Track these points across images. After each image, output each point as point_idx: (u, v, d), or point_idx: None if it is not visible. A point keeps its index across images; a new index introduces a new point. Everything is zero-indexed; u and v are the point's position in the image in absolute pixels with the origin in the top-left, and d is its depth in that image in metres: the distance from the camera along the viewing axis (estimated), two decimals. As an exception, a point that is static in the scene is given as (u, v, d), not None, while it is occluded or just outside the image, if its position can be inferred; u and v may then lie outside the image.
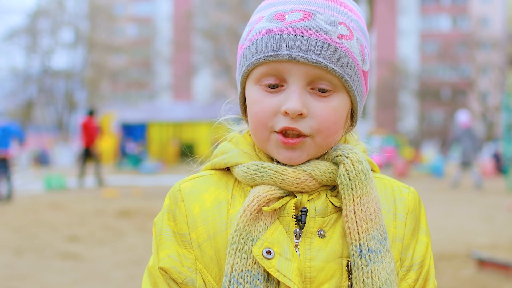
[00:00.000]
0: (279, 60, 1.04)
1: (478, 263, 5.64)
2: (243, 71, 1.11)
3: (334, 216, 1.07)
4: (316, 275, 1.03)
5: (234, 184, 1.12)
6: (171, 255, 1.08)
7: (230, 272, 1.01)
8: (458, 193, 13.87)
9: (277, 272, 1.00)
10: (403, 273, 1.09)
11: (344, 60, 1.04)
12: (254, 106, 1.08)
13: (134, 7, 62.97)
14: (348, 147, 1.09)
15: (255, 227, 1.03)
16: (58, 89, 47.01)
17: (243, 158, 1.11)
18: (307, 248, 1.04)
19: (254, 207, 1.03)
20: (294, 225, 1.05)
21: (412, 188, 1.17)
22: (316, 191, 1.08)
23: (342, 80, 1.05)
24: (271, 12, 1.08)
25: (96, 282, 5.42)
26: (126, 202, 11.53)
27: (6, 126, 12.56)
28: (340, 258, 1.05)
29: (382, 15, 40.37)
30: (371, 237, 1.03)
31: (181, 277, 1.07)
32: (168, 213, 1.12)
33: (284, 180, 1.05)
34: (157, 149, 31.30)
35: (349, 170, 1.05)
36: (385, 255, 1.04)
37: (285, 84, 1.05)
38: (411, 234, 1.11)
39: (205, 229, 1.08)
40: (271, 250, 1.01)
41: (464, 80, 52.53)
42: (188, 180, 1.15)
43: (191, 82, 56.39)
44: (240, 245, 1.02)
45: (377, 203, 1.06)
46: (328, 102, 1.05)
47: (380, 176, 1.17)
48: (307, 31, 1.02)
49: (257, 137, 1.10)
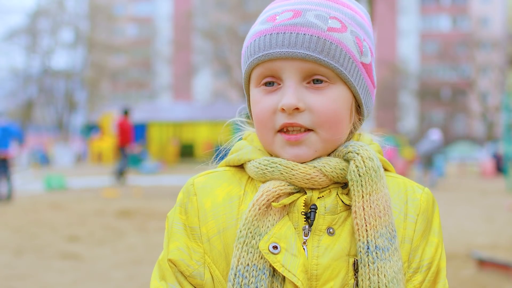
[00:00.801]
0: (271, 59, 1.06)
1: (478, 263, 5.64)
2: (243, 75, 1.14)
3: (344, 214, 1.07)
4: (322, 273, 1.03)
5: (247, 181, 1.13)
6: (180, 248, 1.09)
7: (236, 266, 1.02)
8: (458, 193, 13.87)
9: (282, 267, 1.00)
10: (409, 274, 1.08)
11: (336, 52, 1.05)
12: (255, 108, 1.10)
13: (134, 7, 62.95)
14: (359, 144, 1.09)
15: (264, 222, 1.03)
16: (58, 89, 46.97)
17: (256, 155, 1.12)
18: (315, 245, 1.04)
19: (263, 201, 1.03)
20: (303, 222, 1.05)
21: (427, 189, 1.15)
22: (327, 188, 1.08)
23: (336, 72, 1.06)
24: (264, 16, 1.12)
25: (96, 282, 5.42)
26: (126, 202, 11.54)
27: (7, 126, 12.56)
28: (347, 256, 1.05)
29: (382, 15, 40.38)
30: (379, 235, 1.03)
31: (189, 270, 1.08)
32: (180, 206, 1.13)
33: (294, 176, 1.05)
34: (157, 149, 31.29)
35: (360, 166, 1.05)
36: (393, 254, 1.03)
37: (281, 82, 1.07)
38: (421, 235, 1.10)
39: (215, 224, 1.09)
40: (277, 245, 1.01)
41: (464, 80, 52.52)
42: (202, 175, 1.16)
43: (191, 82, 56.37)
44: (248, 239, 1.02)
45: (387, 201, 1.06)
46: (325, 94, 1.06)
47: (395, 175, 1.16)
48: (295, 28, 1.05)
49: (263, 140, 1.11)
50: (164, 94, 58.29)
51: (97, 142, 32.05)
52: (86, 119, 42.76)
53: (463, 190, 14.58)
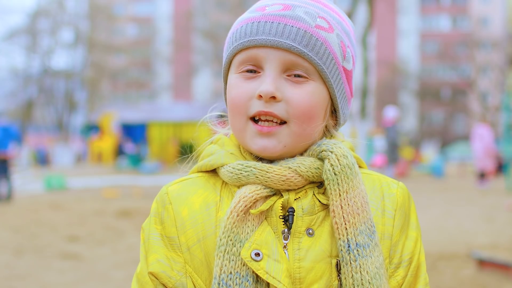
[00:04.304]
0: (256, 46, 1.06)
1: (478, 263, 5.64)
2: (224, 61, 1.13)
3: (322, 214, 1.07)
4: (305, 276, 1.02)
5: (222, 185, 1.11)
6: (160, 260, 1.07)
7: (219, 275, 1.01)
8: (458, 193, 13.87)
9: (266, 274, 0.99)
10: (391, 270, 1.08)
11: (320, 49, 1.06)
12: (231, 92, 1.10)
13: (134, 7, 62.94)
14: (332, 142, 1.08)
15: (243, 228, 1.02)
16: (58, 89, 46.97)
17: (229, 159, 1.10)
18: (296, 248, 1.04)
19: (240, 208, 1.02)
20: (282, 225, 1.05)
21: (401, 183, 1.15)
22: (303, 189, 1.07)
23: (317, 68, 1.06)
24: (254, 7, 1.13)
25: (96, 282, 5.42)
26: (126, 202, 11.54)
27: (7, 127, 12.57)
28: (329, 257, 1.04)
29: (382, 15, 40.40)
30: (359, 232, 1.02)
31: (171, 281, 1.06)
32: (155, 216, 1.11)
33: (269, 178, 1.04)
34: (157, 149, 31.28)
35: (334, 164, 1.05)
36: (373, 249, 1.03)
37: (261, 71, 1.07)
38: (400, 230, 1.10)
39: (195, 232, 1.07)
40: (259, 252, 1.00)
41: (464, 80, 52.49)
42: (175, 183, 1.14)
43: (191, 82, 56.37)
44: (228, 247, 1.01)
45: (364, 197, 1.06)
46: (303, 88, 1.06)
47: (368, 172, 1.15)
48: (284, 19, 1.06)
49: (234, 126, 1.10)
50: (164, 94, 58.28)
51: (97, 142, 32.04)
52: (86, 119, 42.74)
53: (463, 190, 14.57)
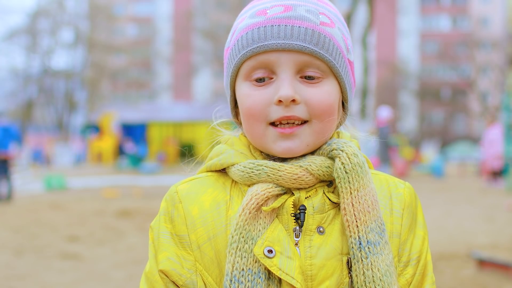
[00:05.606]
0: (266, 51, 1.05)
1: (478, 263, 5.64)
2: (231, 70, 1.12)
3: (332, 212, 1.08)
4: (317, 273, 1.03)
5: (232, 185, 1.12)
6: (171, 257, 1.08)
7: (231, 271, 1.01)
8: (458, 193, 13.87)
9: (279, 270, 1.00)
10: (400, 268, 1.10)
11: (329, 46, 1.06)
12: (246, 101, 1.08)
13: (134, 7, 62.92)
14: (342, 141, 1.09)
15: (255, 226, 1.03)
16: (58, 89, 46.98)
17: (239, 158, 1.11)
18: (307, 246, 1.05)
19: (253, 205, 1.03)
20: (293, 223, 1.06)
21: (408, 183, 1.17)
22: (313, 188, 1.08)
23: (329, 65, 1.07)
24: (252, 11, 1.11)
25: (96, 282, 5.42)
26: (126, 202, 11.54)
27: (7, 127, 12.56)
28: (340, 255, 1.05)
29: (382, 15, 40.37)
30: (369, 229, 1.04)
31: (182, 279, 1.07)
32: (165, 215, 1.12)
33: (281, 177, 1.05)
34: (157, 149, 31.29)
35: (345, 163, 1.06)
36: (383, 247, 1.04)
37: (274, 76, 1.06)
38: (408, 229, 1.12)
39: (205, 231, 1.08)
40: (272, 249, 1.01)
41: (464, 80, 52.47)
42: (185, 182, 1.15)
43: (191, 82, 56.36)
44: (240, 244, 1.02)
45: (374, 195, 1.07)
46: (319, 87, 1.07)
47: (375, 172, 1.17)
48: (289, 20, 1.05)
49: (253, 133, 1.10)
50: (164, 94, 58.28)
51: (97, 142, 32.04)
52: (86, 119, 42.74)
53: (463, 190, 14.57)
